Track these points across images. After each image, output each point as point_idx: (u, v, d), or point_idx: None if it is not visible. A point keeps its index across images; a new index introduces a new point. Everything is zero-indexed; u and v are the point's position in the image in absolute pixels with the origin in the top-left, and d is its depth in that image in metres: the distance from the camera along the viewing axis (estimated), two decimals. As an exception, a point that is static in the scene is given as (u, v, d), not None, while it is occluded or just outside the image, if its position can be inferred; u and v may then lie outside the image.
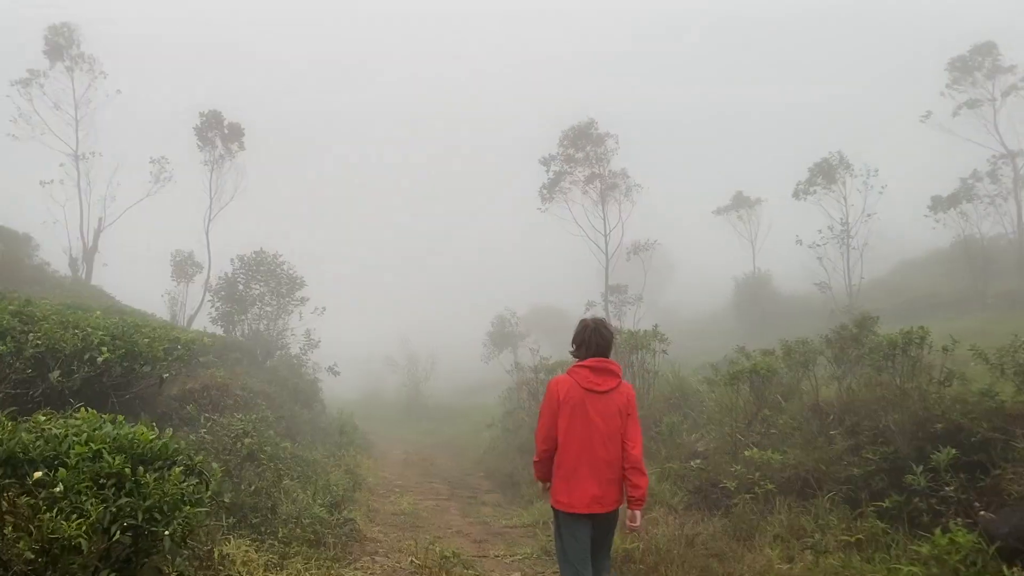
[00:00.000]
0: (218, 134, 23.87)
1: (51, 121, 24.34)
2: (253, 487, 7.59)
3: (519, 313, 32.02)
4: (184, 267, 23.87)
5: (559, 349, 24.54)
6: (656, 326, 12.51)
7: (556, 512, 4.64)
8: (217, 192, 24.07)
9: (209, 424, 8.27)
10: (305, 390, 17.85)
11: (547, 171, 26.24)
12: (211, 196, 23.96)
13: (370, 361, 43.01)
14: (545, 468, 4.72)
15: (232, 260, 21.62)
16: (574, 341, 4.80)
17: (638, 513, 4.59)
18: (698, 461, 9.72)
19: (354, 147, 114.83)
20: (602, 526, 4.63)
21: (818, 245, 25.01)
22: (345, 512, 8.30)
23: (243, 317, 21.61)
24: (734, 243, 33.27)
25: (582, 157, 25.45)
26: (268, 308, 22.07)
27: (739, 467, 8.05)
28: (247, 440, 7.39)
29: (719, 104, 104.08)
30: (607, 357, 4.70)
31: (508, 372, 17.36)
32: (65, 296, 17.38)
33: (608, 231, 25.56)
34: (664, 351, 12.45)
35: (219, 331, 20.74)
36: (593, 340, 4.68)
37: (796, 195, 25.82)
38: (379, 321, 52.33)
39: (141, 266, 26.48)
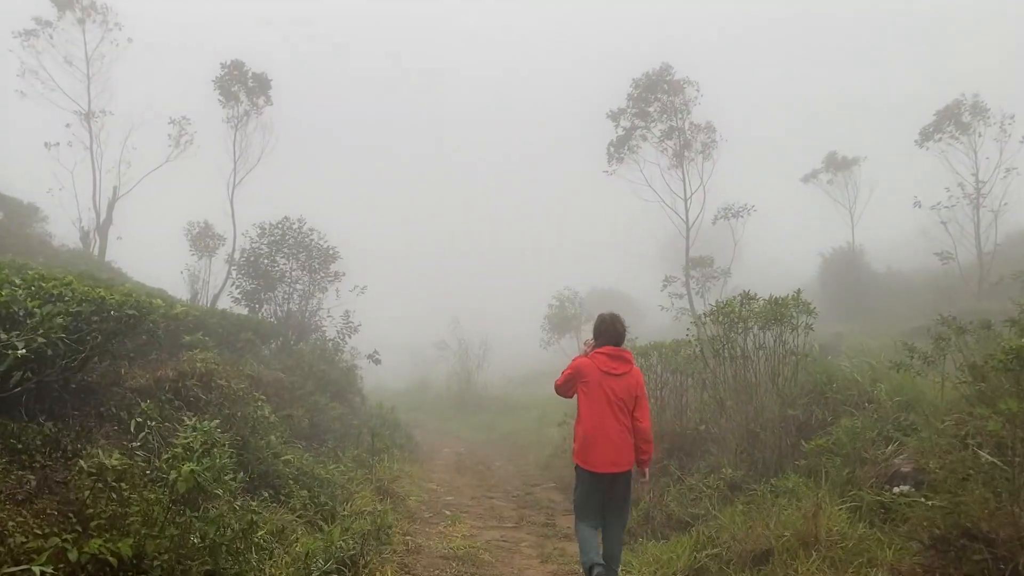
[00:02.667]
0: (242, 87, 20.94)
1: (60, 78, 21.73)
2: (206, 543, 4.47)
3: (581, 293, 28.66)
4: (203, 240, 21.03)
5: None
6: (800, 291, 9.06)
7: (578, 468, 5.59)
8: (242, 154, 21.18)
9: (143, 436, 5.16)
10: (338, 380, 14.83)
11: (616, 126, 22.75)
12: (235, 159, 21.07)
13: (418, 348, 40.18)
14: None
15: (252, 228, 18.66)
16: (595, 332, 5.80)
17: (647, 470, 5.87)
18: (908, 488, 6.34)
19: (396, 112, 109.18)
20: (617, 484, 5.51)
21: (945, 207, 20.97)
22: (363, 578, 5.10)
23: (270, 295, 18.71)
24: (819, 211, 29.32)
25: (657, 109, 21.86)
26: (299, 285, 19.13)
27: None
28: (187, 467, 4.22)
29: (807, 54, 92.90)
30: (621, 345, 5.69)
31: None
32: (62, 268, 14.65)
33: (688, 195, 21.99)
34: (809, 326, 8.99)
35: (243, 311, 17.93)
36: (611, 331, 5.69)
37: (920, 143, 21.75)
38: (427, 303, 49.42)
39: (161, 239, 23.78)
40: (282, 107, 22.41)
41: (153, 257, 23.01)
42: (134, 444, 5.11)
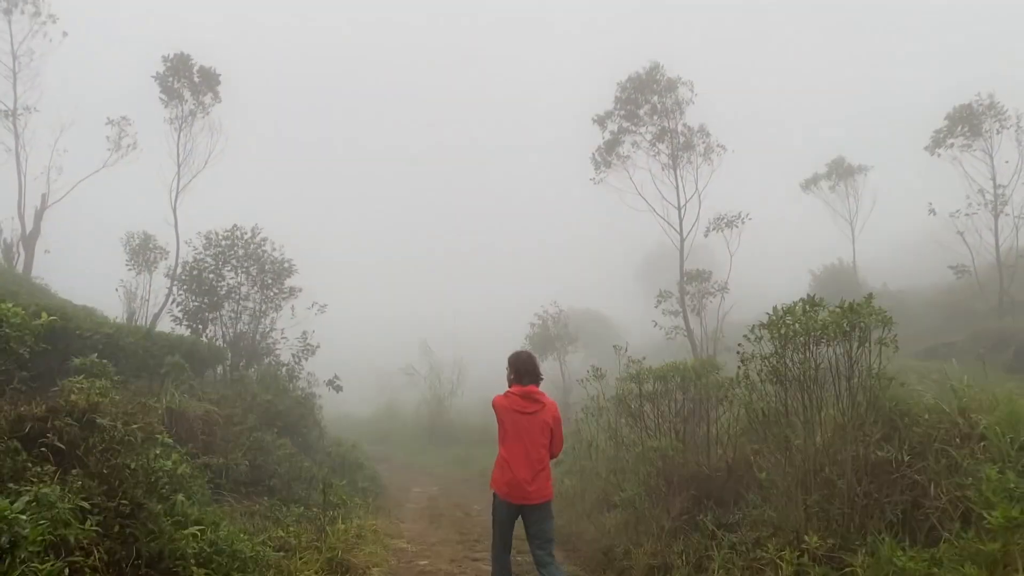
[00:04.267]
0: (186, 84, 18.71)
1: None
2: None
3: (563, 308, 26.48)
4: (143, 253, 18.68)
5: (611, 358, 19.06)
6: (871, 296, 7.07)
7: (495, 495, 5.94)
8: (187, 157, 18.86)
9: None
10: (289, 411, 12.56)
11: (603, 131, 20.84)
12: (179, 162, 18.70)
13: (386, 372, 37.77)
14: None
15: (196, 238, 16.44)
16: (511, 368, 6.14)
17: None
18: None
19: (361, 112, 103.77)
20: (535, 515, 5.82)
21: (966, 214, 19.22)
22: None
23: (216, 314, 16.43)
24: (817, 224, 27.72)
25: (647, 111, 20.00)
26: (248, 303, 16.88)
27: None
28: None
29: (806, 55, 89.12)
30: (535, 383, 6.05)
31: (582, 383, 11.92)
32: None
33: (683, 203, 20.07)
34: (888, 343, 6.96)
35: (185, 332, 15.64)
36: (526, 368, 6.07)
37: (931, 149, 20.12)
38: (396, 324, 46.90)
39: (96, 253, 21.36)
40: (234, 104, 20.23)
41: (86, 273, 20.58)
42: None
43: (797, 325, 6.64)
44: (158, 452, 5.54)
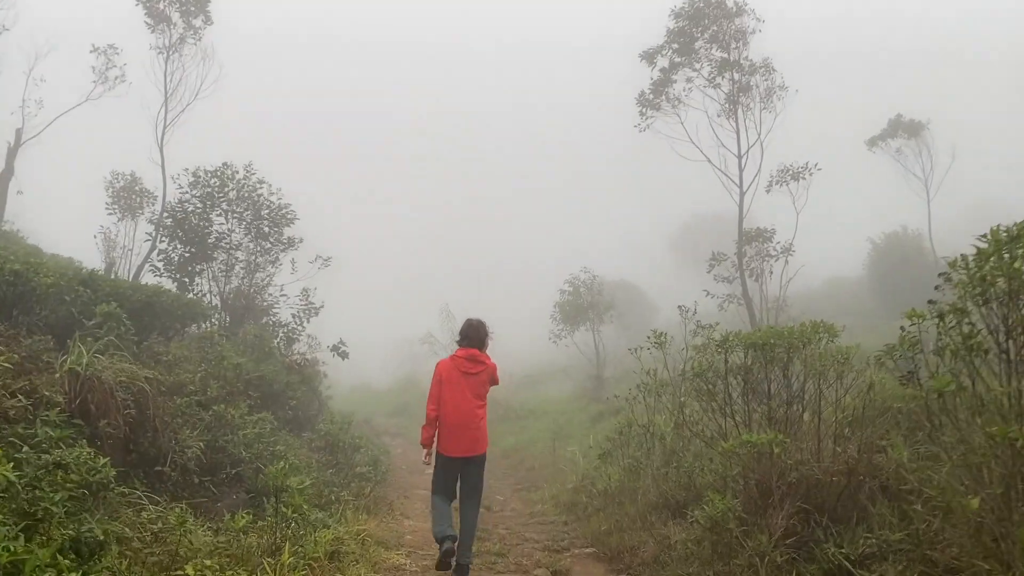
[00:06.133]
0: (175, 5, 16.34)
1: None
2: None
3: (600, 277, 23.90)
4: (127, 197, 16.46)
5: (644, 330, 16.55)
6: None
7: (439, 455, 6.24)
8: (176, 88, 16.58)
9: None
10: (272, 379, 10.28)
11: (652, 68, 18.21)
12: (166, 93, 16.43)
13: (406, 342, 35.66)
14: (433, 431, 6.24)
15: (183, 175, 14.20)
16: (460, 333, 6.54)
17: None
18: None
19: (376, 55, 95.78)
20: (472, 466, 6.24)
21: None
22: None
23: (204, 266, 14.19)
24: (888, 183, 24.78)
25: (706, 40, 17.33)
26: (240, 253, 14.63)
27: None
28: None
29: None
30: (479, 347, 6.38)
31: (633, 352, 9.45)
32: None
33: (743, 151, 17.43)
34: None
35: (171, 285, 13.44)
36: (473, 335, 6.39)
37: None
38: (417, 289, 44.58)
39: (77, 195, 19.24)
40: (229, 36, 17.87)
41: (66, 218, 18.48)
42: None
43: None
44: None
